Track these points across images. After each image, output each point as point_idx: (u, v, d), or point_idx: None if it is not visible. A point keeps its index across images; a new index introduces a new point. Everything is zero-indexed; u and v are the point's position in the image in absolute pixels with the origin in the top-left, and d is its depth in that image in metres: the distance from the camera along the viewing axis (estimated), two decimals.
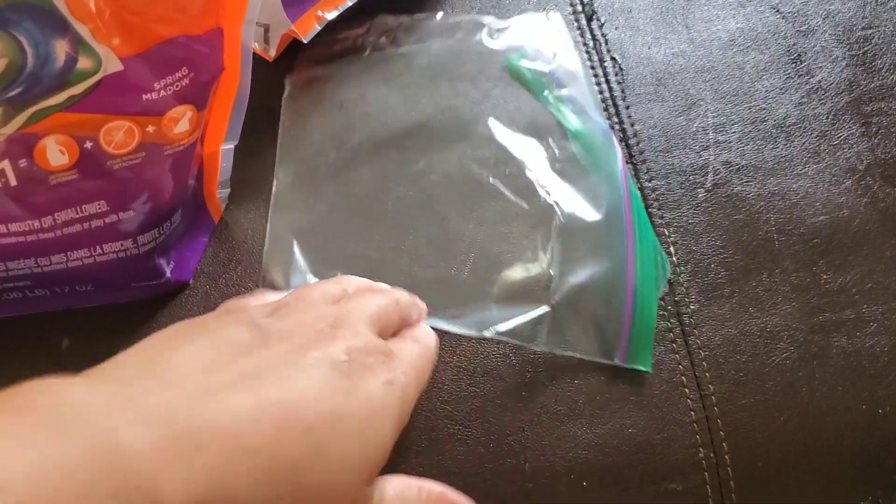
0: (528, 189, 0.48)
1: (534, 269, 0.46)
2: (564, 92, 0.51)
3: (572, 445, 0.43)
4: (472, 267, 0.46)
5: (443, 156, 0.50)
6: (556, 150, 0.49)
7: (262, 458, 0.28)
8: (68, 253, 0.40)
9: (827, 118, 0.52)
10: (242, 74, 0.41)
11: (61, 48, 0.32)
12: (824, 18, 0.55)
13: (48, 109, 0.35)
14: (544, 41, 0.54)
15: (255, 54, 0.50)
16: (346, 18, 0.52)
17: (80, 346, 0.44)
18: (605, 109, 0.52)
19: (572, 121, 0.50)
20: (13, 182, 0.37)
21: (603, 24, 0.55)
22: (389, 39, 0.54)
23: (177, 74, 0.37)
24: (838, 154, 0.50)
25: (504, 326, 0.45)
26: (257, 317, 0.35)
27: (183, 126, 0.40)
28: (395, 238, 0.47)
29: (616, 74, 0.53)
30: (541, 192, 0.48)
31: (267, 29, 0.50)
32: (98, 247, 0.41)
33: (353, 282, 0.42)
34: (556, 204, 0.47)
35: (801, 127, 0.51)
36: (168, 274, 0.44)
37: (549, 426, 0.43)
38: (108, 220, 0.40)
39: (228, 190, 0.47)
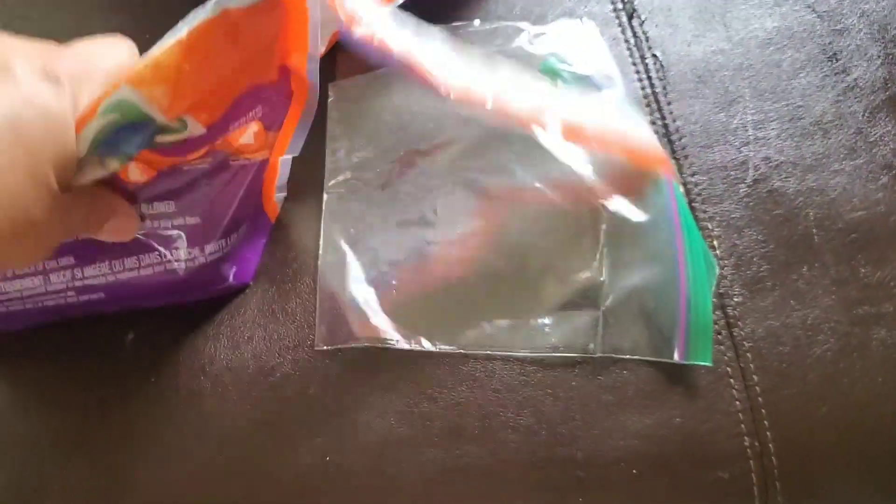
0: (573, 192, 0.49)
1: (584, 275, 0.47)
2: (604, 96, 0.52)
3: (622, 435, 0.44)
4: (519, 261, 0.47)
5: (488, 158, 0.50)
6: (599, 154, 0.50)
7: None
8: (140, 256, 0.41)
9: (863, 116, 0.53)
10: (309, 101, 0.41)
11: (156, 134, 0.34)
12: (859, 17, 0.56)
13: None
14: (582, 46, 0.54)
15: None
16: None
17: (144, 340, 0.45)
18: (647, 105, 0.53)
19: None
20: None
21: (643, 22, 0.56)
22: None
23: (250, 114, 0.38)
24: (875, 151, 0.51)
25: (558, 340, 0.45)
26: None
27: (248, 139, 0.41)
28: (443, 233, 0.48)
29: (657, 71, 0.54)
30: (586, 194, 0.48)
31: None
32: (168, 252, 0.42)
33: None
34: (604, 206, 0.48)
35: (837, 124, 0.52)
36: (231, 279, 0.46)
37: (599, 416, 0.44)
38: (176, 223, 0.41)
39: (284, 193, 0.48)
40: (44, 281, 0.41)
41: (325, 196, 0.49)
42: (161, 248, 0.42)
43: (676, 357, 0.44)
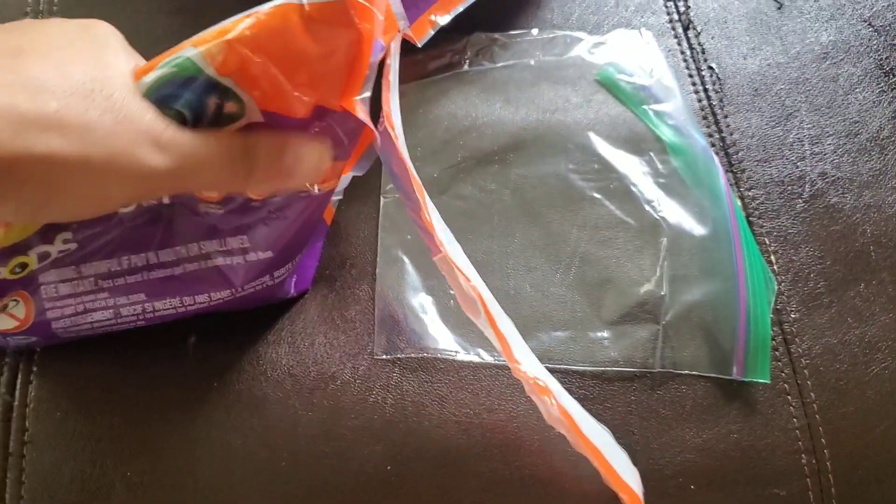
0: (633, 204, 0.49)
1: (644, 288, 0.47)
2: (661, 107, 0.52)
3: (680, 449, 0.44)
4: (576, 271, 0.47)
5: (545, 167, 0.51)
6: (659, 165, 0.50)
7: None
8: (212, 293, 0.42)
9: None
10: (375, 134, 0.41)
11: (212, 101, 0.33)
12: None
13: None
14: (639, 56, 0.54)
15: None
16: (440, 37, 0.52)
17: (206, 343, 0.45)
18: (704, 118, 0.53)
19: (671, 136, 0.51)
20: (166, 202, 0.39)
21: (699, 33, 0.56)
22: (486, 56, 0.55)
23: (310, 129, 0.38)
24: None
25: (618, 354, 0.45)
26: None
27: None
28: (500, 242, 0.48)
29: (713, 84, 0.54)
30: (647, 207, 0.48)
31: None
32: (240, 287, 0.42)
33: None
34: (664, 220, 0.48)
35: (894, 140, 0.52)
36: (291, 290, 0.46)
37: (657, 430, 0.44)
38: (249, 259, 0.41)
39: (340, 196, 0.48)
40: (114, 314, 0.41)
41: (381, 202, 0.49)
42: (233, 281, 0.42)
43: (735, 374, 0.44)
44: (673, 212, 0.48)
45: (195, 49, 0.32)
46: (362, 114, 0.37)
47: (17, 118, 0.28)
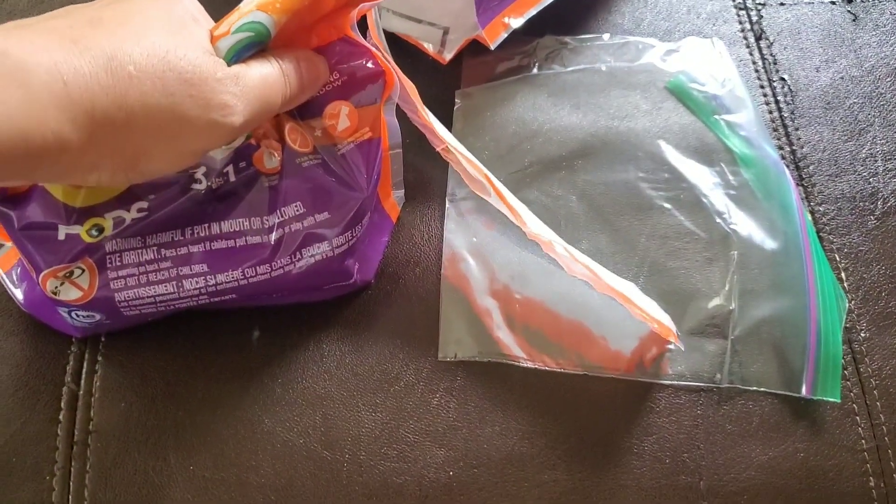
0: (703, 215, 0.48)
1: (714, 302, 0.46)
2: (733, 117, 0.51)
3: (745, 466, 0.43)
4: (644, 281, 0.47)
5: (613, 174, 0.50)
6: (730, 176, 0.49)
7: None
8: (273, 263, 0.42)
9: None
10: (394, 74, 0.43)
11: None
12: None
13: None
14: (711, 66, 0.54)
15: (428, 56, 0.51)
16: (510, 40, 0.52)
17: (270, 338, 0.45)
18: (774, 130, 0.52)
19: (742, 147, 0.50)
20: (232, 179, 0.41)
21: (772, 44, 0.55)
22: (556, 60, 0.54)
23: (333, 76, 0.41)
24: None
25: (685, 367, 0.45)
26: None
27: (343, 123, 0.42)
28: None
29: (785, 95, 0.53)
30: (717, 219, 0.48)
31: (446, 31, 0.51)
32: (298, 252, 0.42)
33: None
34: (734, 232, 0.47)
35: None
36: (355, 276, 0.45)
37: (723, 445, 0.43)
38: (307, 224, 0.42)
39: (402, 191, 0.48)
40: (177, 287, 0.42)
41: (447, 204, 0.49)
42: (294, 251, 0.42)
43: (804, 392, 0.44)
44: (744, 224, 0.47)
45: (266, 15, 0.36)
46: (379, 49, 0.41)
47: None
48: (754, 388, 0.44)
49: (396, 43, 0.53)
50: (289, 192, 0.42)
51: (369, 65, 0.42)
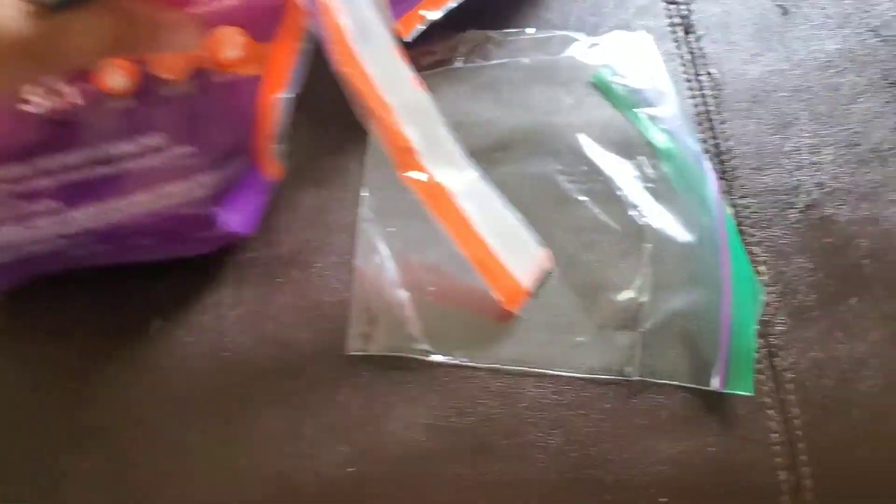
0: (617, 208, 0.48)
1: (625, 294, 0.46)
2: (655, 111, 0.51)
3: (653, 460, 0.42)
4: (559, 274, 0.46)
5: (532, 168, 0.50)
6: (647, 170, 0.49)
7: None
8: (132, 196, 0.40)
9: None
10: (304, 26, 0.40)
11: None
12: None
13: None
14: (635, 59, 0.53)
15: None
16: (434, 33, 0.52)
17: (171, 328, 0.45)
18: (699, 124, 0.51)
19: (663, 140, 0.50)
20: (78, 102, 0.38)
21: (700, 38, 0.55)
22: (480, 53, 0.54)
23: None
24: None
25: (594, 361, 0.44)
26: None
27: (233, 51, 0.39)
28: None
29: (711, 89, 0.53)
30: (631, 212, 0.48)
31: None
32: (158, 187, 0.40)
33: None
34: (648, 225, 0.47)
35: None
36: (227, 226, 0.43)
37: (631, 439, 0.43)
38: (168, 155, 0.39)
39: (279, 147, 0.46)
40: (27, 228, 0.39)
41: (363, 191, 0.49)
42: (154, 184, 0.40)
43: (716, 385, 0.43)
44: (658, 218, 0.47)
45: None
46: None
47: None
48: (665, 381, 0.44)
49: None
50: (146, 120, 0.39)
51: None
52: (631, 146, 0.50)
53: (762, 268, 0.47)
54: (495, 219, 0.45)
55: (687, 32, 0.55)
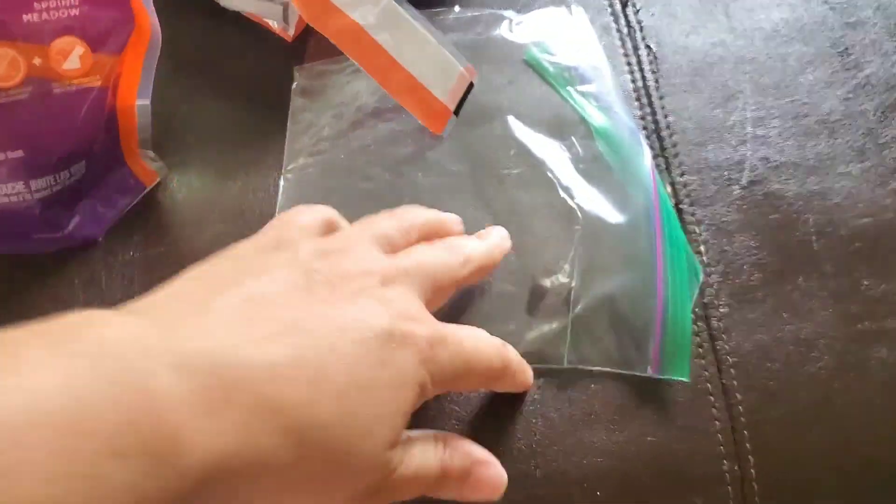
0: (548, 190, 0.46)
1: (554, 279, 0.43)
2: (589, 88, 0.49)
3: (587, 452, 0.40)
4: None
5: (462, 149, 0.48)
6: (580, 150, 0.47)
7: (291, 419, 0.28)
8: None
9: (874, 115, 0.49)
10: (153, 28, 0.40)
11: None
12: (875, 10, 0.52)
13: None
14: (567, 35, 0.51)
15: (273, 33, 0.48)
16: None
17: None
18: (638, 100, 0.49)
19: (597, 118, 0.48)
20: None
21: (639, 11, 0.52)
22: None
23: (63, 1, 0.37)
24: (885, 153, 0.47)
25: (523, 348, 0.42)
26: (307, 259, 0.34)
27: (73, 63, 0.39)
28: None
29: (651, 63, 0.50)
30: (562, 194, 0.45)
31: (286, 7, 0.49)
32: None
33: (417, 220, 0.40)
34: (579, 207, 0.45)
35: (845, 123, 0.48)
36: (70, 228, 0.43)
37: (562, 431, 0.41)
38: None
39: (150, 151, 0.46)
40: None
41: (281, 181, 0.47)
42: None
43: (649, 371, 0.41)
44: (590, 199, 0.45)
45: None
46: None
47: None
48: (597, 368, 0.41)
49: (241, 22, 0.51)
50: None
51: (118, 8, 0.39)
52: (564, 125, 0.48)
53: (703, 247, 0.45)
54: (413, 44, 0.44)
55: (624, 5, 0.53)
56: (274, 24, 0.50)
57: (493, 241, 0.42)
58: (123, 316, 0.28)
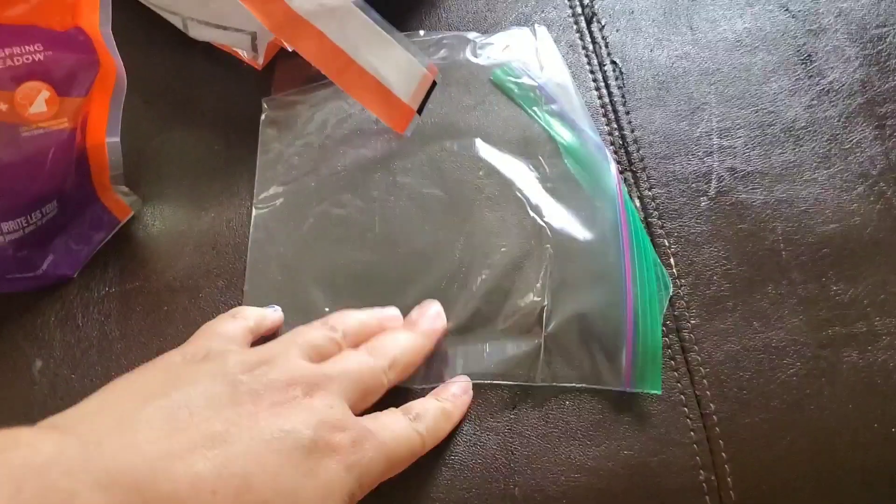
0: (517, 210, 0.46)
1: (526, 298, 0.44)
2: (555, 106, 0.49)
3: (564, 469, 0.41)
4: (461, 281, 0.44)
5: (432, 171, 0.48)
6: (548, 168, 0.47)
7: None
8: None
9: (838, 121, 0.49)
10: (118, 70, 0.41)
11: None
12: (836, 17, 0.53)
13: None
14: (531, 55, 0.52)
15: (243, 63, 0.49)
16: None
17: (53, 367, 0.43)
18: (605, 115, 0.50)
19: (564, 135, 0.48)
20: None
21: (604, 27, 0.53)
22: None
23: (26, 47, 0.37)
24: (850, 158, 0.48)
25: (497, 367, 0.42)
26: (233, 371, 0.34)
27: (39, 107, 0.39)
28: (383, 252, 0.45)
29: (616, 79, 0.51)
30: (531, 213, 0.46)
31: (254, 37, 0.49)
32: None
33: (346, 325, 0.41)
34: (548, 226, 0.45)
35: (810, 130, 0.49)
36: (44, 267, 0.43)
37: (539, 449, 0.41)
38: None
39: (124, 186, 0.47)
40: None
41: (254, 212, 0.47)
42: None
43: (622, 385, 0.41)
44: (559, 217, 0.45)
45: None
46: (105, 39, 0.38)
47: None
48: (571, 384, 0.42)
49: (212, 52, 0.51)
50: None
51: (82, 50, 0.39)
52: (532, 145, 0.49)
53: (672, 260, 0.45)
54: (375, 46, 0.45)
55: (589, 22, 0.54)
56: (243, 54, 0.51)
57: (424, 328, 0.42)
58: (49, 433, 0.29)
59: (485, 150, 0.48)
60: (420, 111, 0.47)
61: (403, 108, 0.47)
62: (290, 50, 0.46)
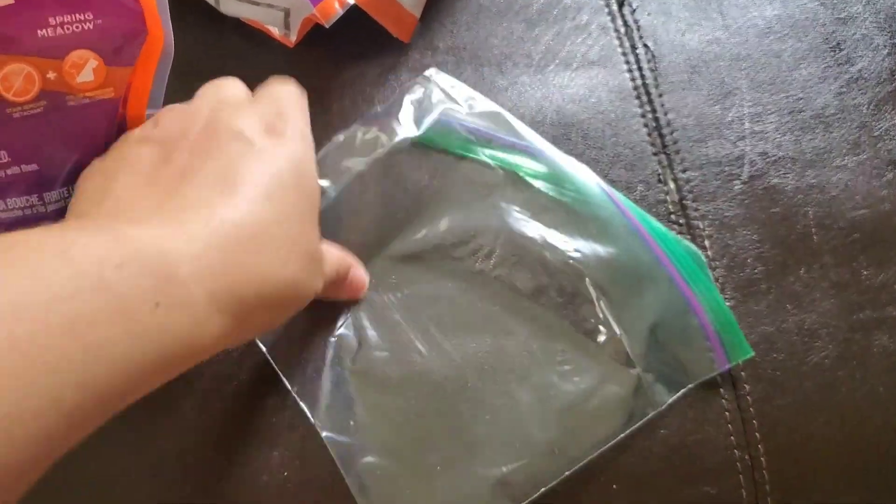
0: (537, 258, 0.45)
1: (600, 339, 0.43)
2: (500, 136, 0.47)
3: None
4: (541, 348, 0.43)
5: (473, 249, 0.46)
6: (532, 203, 0.46)
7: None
8: None
9: (868, 108, 0.50)
10: (166, 39, 0.40)
11: None
12: (865, 5, 0.53)
13: None
14: (443, 104, 0.48)
15: (274, 40, 0.49)
16: None
17: None
18: (637, 98, 0.50)
19: (526, 164, 0.46)
20: None
21: (635, 10, 0.53)
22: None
23: (77, 16, 0.37)
24: (879, 145, 0.48)
25: (616, 420, 0.41)
26: (160, 137, 0.37)
27: (87, 76, 0.39)
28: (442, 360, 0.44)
29: (649, 62, 0.51)
30: (549, 255, 0.45)
31: (287, 13, 0.49)
32: (1, 201, 0.39)
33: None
34: (576, 260, 0.44)
35: (840, 117, 0.49)
36: None
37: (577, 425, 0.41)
38: (10, 172, 0.39)
39: None
40: None
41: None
42: None
43: (721, 366, 0.42)
44: (573, 244, 0.45)
45: None
46: (159, 8, 0.38)
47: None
48: (682, 392, 0.42)
49: (243, 29, 0.51)
50: None
51: (132, 19, 0.39)
52: (500, 188, 0.47)
53: (707, 242, 0.46)
54: None
55: (621, 5, 0.54)
56: (275, 31, 0.50)
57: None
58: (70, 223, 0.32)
59: (463, 221, 0.46)
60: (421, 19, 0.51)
61: (407, 17, 0.50)
62: (326, 27, 0.46)
